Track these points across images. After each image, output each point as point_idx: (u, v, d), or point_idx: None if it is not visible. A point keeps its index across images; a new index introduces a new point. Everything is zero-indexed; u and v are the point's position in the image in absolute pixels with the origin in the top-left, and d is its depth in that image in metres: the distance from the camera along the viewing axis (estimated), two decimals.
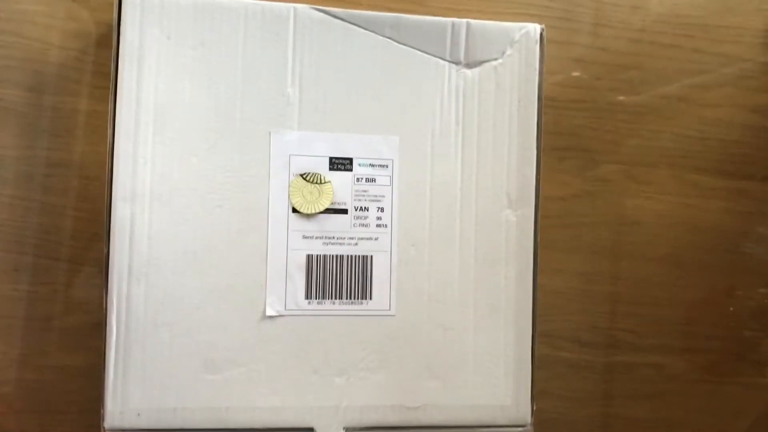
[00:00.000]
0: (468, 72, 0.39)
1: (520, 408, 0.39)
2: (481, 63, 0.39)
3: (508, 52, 0.39)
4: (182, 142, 0.36)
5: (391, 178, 0.38)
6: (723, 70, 0.45)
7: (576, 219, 0.44)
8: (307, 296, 0.37)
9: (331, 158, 0.38)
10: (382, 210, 0.38)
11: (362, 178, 0.38)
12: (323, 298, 0.37)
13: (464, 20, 0.38)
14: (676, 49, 0.45)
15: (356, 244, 0.38)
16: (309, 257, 0.37)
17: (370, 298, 0.38)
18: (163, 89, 0.36)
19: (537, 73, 0.39)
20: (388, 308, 0.38)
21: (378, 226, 0.38)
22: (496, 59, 0.39)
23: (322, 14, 0.37)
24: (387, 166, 0.38)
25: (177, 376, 0.36)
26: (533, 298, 0.39)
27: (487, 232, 0.39)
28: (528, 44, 0.39)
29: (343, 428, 0.37)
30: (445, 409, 0.38)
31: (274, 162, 0.37)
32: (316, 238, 0.37)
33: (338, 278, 0.37)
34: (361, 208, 0.38)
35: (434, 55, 0.38)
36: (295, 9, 0.37)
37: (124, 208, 0.35)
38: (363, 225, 0.38)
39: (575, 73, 0.44)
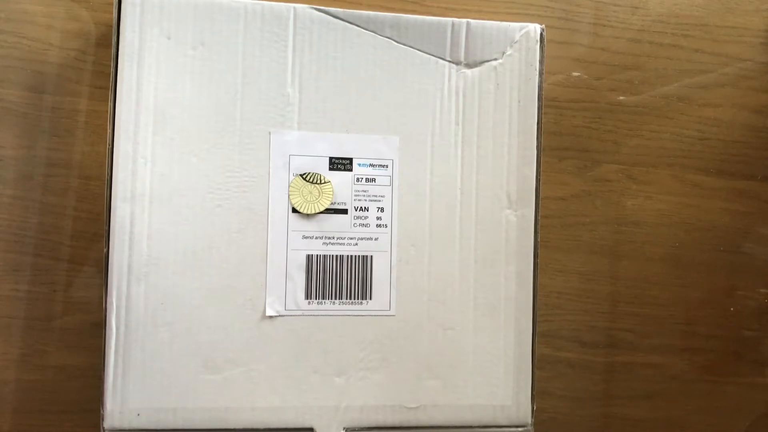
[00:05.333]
0: (468, 72, 0.39)
1: (520, 408, 0.39)
2: (481, 63, 0.39)
3: (508, 52, 0.39)
4: (182, 142, 0.36)
5: (391, 178, 0.38)
6: (723, 70, 0.45)
7: (576, 219, 0.44)
8: (307, 296, 0.37)
9: (331, 158, 0.38)
10: (382, 210, 0.38)
11: (362, 178, 0.38)
12: (323, 298, 0.37)
13: (464, 20, 0.38)
14: (676, 49, 0.45)
15: (356, 244, 0.38)
16: (309, 257, 0.37)
17: (370, 298, 0.38)
18: (163, 89, 0.36)
19: (537, 73, 0.39)
20: (388, 308, 0.38)
21: (378, 226, 0.38)
22: (496, 59, 0.39)
23: (322, 14, 0.37)
24: (387, 166, 0.38)
25: (177, 376, 0.36)
26: (533, 298, 0.39)
27: (487, 232, 0.39)
28: (528, 44, 0.39)
29: (343, 428, 0.37)
30: (445, 409, 0.38)
31: (274, 162, 0.37)
32: (316, 238, 0.37)
33: (338, 278, 0.37)
34: (361, 208, 0.38)
35: (434, 55, 0.38)
36: (295, 9, 0.37)
37: (124, 208, 0.35)
38: (363, 225, 0.38)
39: (575, 73, 0.44)
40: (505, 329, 0.39)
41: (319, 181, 0.37)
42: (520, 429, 0.39)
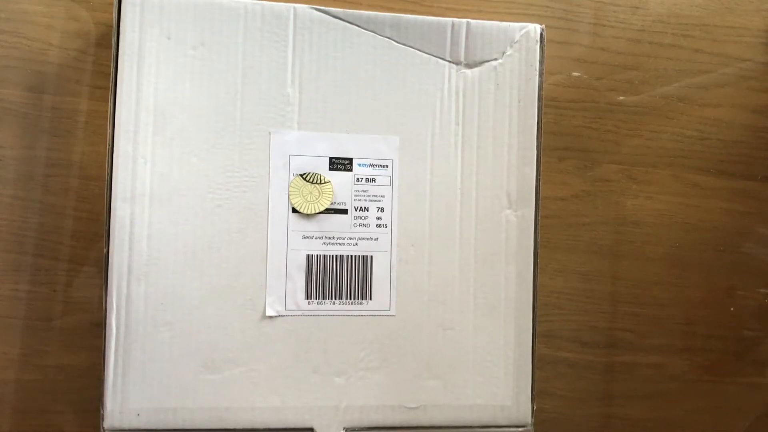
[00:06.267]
0: (468, 72, 0.39)
1: (520, 408, 0.39)
2: (481, 63, 0.39)
3: (508, 52, 0.39)
4: (182, 142, 0.36)
5: (391, 178, 0.38)
6: (723, 70, 0.45)
7: (576, 219, 0.44)
8: (307, 296, 0.37)
9: (331, 158, 0.38)
10: (382, 210, 0.38)
11: (362, 178, 0.38)
12: (323, 298, 0.37)
13: (464, 20, 0.38)
14: (676, 49, 0.45)
15: (356, 244, 0.38)
16: (309, 257, 0.37)
17: (370, 298, 0.38)
18: (163, 89, 0.36)
19: (537, 73, 0.39)
20: (388, 308, 0.38)
21: (378, 226, 0.38)
22: (496, 59, 0.39)
23: (322, 14, 0.37)
24: (387, 166, 0.38)
25: (177, 376, 0.36)
26: (533, 298, 0.39)
27: (487, 232, 0.39)
28: (528, 44, 0.39)
29: (343, 428, 0.37)
30: (445, 409, 0.38)
31: (274, 162, 0.37)
32: (316, 238, 0.37)
33: (338, 278, 0.37)
34: (361, 208, 0.38)
35: (434, 55, 0.38)
36: (295, 9, 0.37)
37: (124, 208, 0.35)
38: (363, 225, 0.38)
39: (575, 73, 0.44)
40: (505, 329, 0.39)
41: (319, 181, 0.37)
42: (520, 429, 0.39)
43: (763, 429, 0.46)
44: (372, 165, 0.38)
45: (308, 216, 0.37)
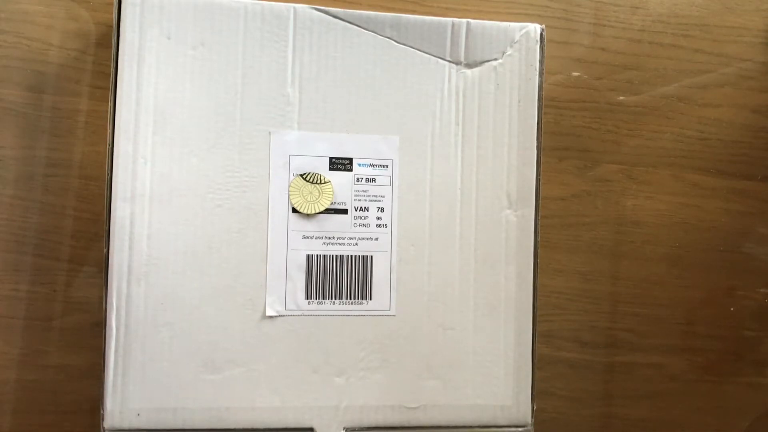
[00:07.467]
0: (468, 72, 0.39)
1: (520, 408, 0.39)
2: (481, 63, 0.39)
3: (508, 52, 0.39)
4: (182, 142, 0.36)
5: (391, 178, 0.38)
6: (723, 70, 0.45)
7: (576, 219, 0.44)
8: (307, 296, 0.37)
9: (331, 158, 0.38)
10: (382, 210, 0.38)
11: (362, 178, 0.38)
12: (323, 298, 0.37)
13: (464, 20, 0.38)
14: (676, 49, 0.45)
15: (356, 244, 0.38)
16: (309, 257, 0.37)
17: (370, 298, 0.38)
18: (163, 89, 0.36)
19: (537, 73, 0.39)
20: (388, 308, 0.38)
21: (378, 226, 0.38)
22: (496, 59, 0.39)
23: (322, 14, 0.37)
24: (387, 166, 0.38)
25: (177, 376, 0.36)
26: (533, 298, 0.39)
27: (487, 232, 0.39)
28: (528, 44, 0.39)
29: (343, 428, 0.37)
30: (445, 409, 0.38)
31: (274, 162, 0.37)
32: (316, 238, 0.37)
33: (338, 278, 0.37)
34: (361, 208, 0.38)
35: (434, 55, 0.38)
36: (295, 9, 0.37)
37: (124, 208, 0.35)
38: (363, 225, 0.38)
39: (575, 73, 0.44)
40: (505, 329, 0.39)
41: (319, 181, 0.37)
42: (520, 429, 0.39)
43: (763, 429, 0.46)
44: (372, 165, 0.38)
45: (308, 216, 0.37)
